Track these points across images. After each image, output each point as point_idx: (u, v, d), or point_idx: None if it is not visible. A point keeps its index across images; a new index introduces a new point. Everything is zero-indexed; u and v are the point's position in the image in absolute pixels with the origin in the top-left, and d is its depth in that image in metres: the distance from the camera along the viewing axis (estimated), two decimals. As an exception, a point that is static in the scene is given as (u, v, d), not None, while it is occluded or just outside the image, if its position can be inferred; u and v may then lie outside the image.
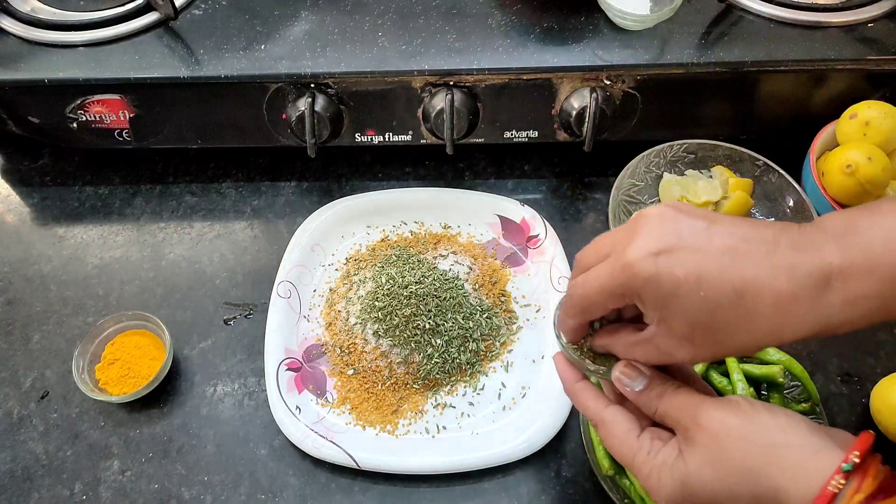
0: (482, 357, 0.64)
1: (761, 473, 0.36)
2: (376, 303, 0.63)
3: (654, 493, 0.41)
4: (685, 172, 0.71)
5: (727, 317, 0.36)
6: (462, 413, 0.61)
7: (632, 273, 0.37)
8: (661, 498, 0.40)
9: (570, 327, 0.45)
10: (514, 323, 0.66)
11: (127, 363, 0.62)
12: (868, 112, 0.65)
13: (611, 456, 0.55)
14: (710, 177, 0.71)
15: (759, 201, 0.70)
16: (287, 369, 0.62)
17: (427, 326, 0.62)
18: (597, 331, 0.46)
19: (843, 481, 0.34)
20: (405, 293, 0.63)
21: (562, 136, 0.71)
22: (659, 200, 0.71)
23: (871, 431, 0.37)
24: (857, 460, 0.35)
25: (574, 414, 0.60)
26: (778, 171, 0.68)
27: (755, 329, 0.36)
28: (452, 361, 0.62)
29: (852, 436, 0.38)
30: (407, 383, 0.62)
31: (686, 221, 0.37)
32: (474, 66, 0.65)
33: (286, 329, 0.64)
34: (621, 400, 0.44)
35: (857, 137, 0.65)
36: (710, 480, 0.38)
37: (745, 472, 0.37)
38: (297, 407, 0.60)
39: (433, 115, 0.67)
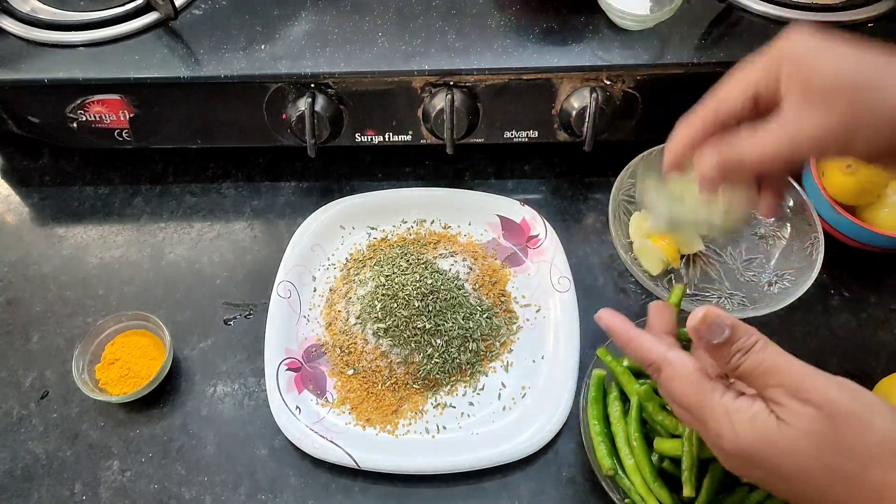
0: (482, 357, 0.64)
1: (872, 461, 0.35)
2: (376, 303, 0.63)
3: (721, 438, 0.39)
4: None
5: (871, 82, 0.36)
6: (462, 413, 0.61)
7: (780, 44, 0.39)
8: (730, 443, 0.38)
9: (694, 129, 0.42)
10: (514, 323, 0.66)
11: (127, 363, 0.62)
12: (868, 112, 0.65)
13: (611, 456, 0.55)
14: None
15: (759, 201, 0.70)
16: (287, 369, 0.62)
17: (427, 326, 0.62)
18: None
19: None
20: (405, 293, 0.63)
21: (562, 136, 0.71)
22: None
23: None
24: None
25: (574, 414, 0.60)
26: (778, 171, 0.68)
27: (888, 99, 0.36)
28: (452, 361, 0.62)
29: None
30: (407, 383, 0.62)
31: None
32: (474, 66, 0.65)
33: (286, 329, 0.64)
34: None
35: (857, 137, 0.65)
36: (805, 451, 0.36)
37: (850, 455, 0.36)
38: (297, 407, 0.60)
39: (433, 115, 0.67)
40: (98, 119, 0.69)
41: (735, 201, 0.46)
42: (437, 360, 0.62)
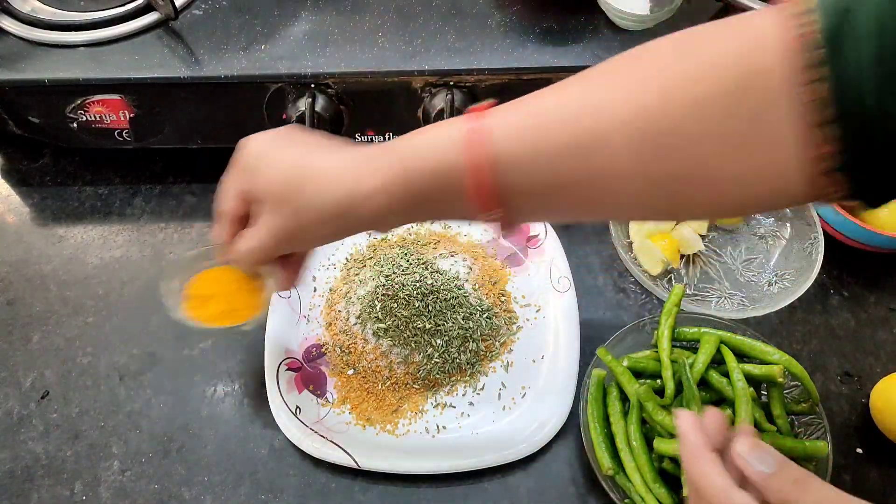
0: (482, 357, 0.64)
1: None
2: (376, 303, 0.63)
3: None
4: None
5: (296, 180, 0.44)
6: (462, 413, 0.61)
7: (237, 170, 0.48)
8: None
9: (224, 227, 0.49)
10: (514, 323, 0.66)
11: (224, 298, 0.57)
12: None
13: (611, 455, 0.55)
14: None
15: (759, 201, 0.70)
16: (287, 369, 0.62)
17: (427, 326, 0.62)
18: None
19: None
20: (405, 293, 0.63)
21: (562, 136, 0.71)
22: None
23: None
24: None
25: (574, 414, 0.60)
26: (778, 171, 0.68)
27: (323, 191, 0.43)
28: (452, 361, 0.62)
29: None
30: (407, 383, 0.62)
31: (271, 136, 0.49)
32: (474, 66, 0.65)
33: (286, 329, 0.64)
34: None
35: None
36: None
37: None
38: (297, 407, 0.60)
39: (433, 115, 0.67)
40: (98, 119, 0.69)
41: (270, 283, 0.54)
42: (437, 360, 0.62)
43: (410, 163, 0.41)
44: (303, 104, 0.66)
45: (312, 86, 0.66)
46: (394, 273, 0.65)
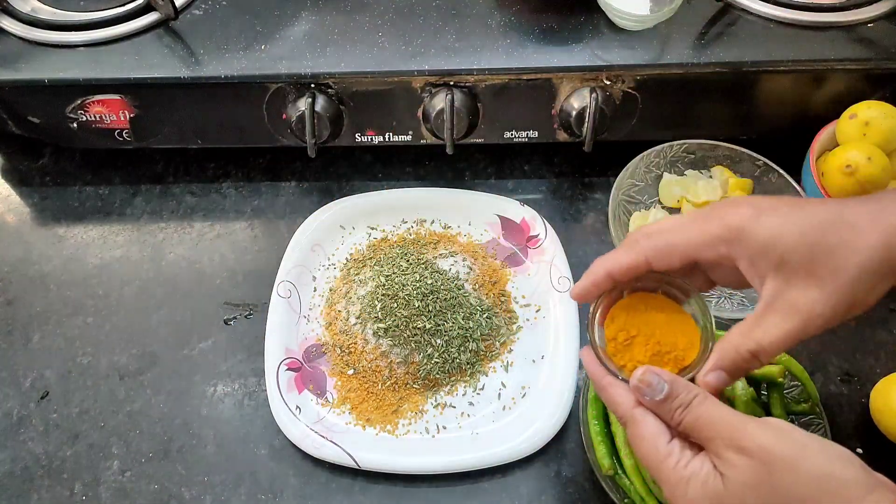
0: (482, 357, 0.64)
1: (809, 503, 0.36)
2: (376, 303, 0.63)
3: (676, 502, 0.40)
4: (685, 172, 0.71)
5: (836, 236, 0.38)
6: (462, 413, 0.61)
7: (740, 215, 0.40)
8: None
9: (619, 265, 0.43)
10: (514, 323, 0.66)
11: (651, 335, 0.46)
12: (868, 112, 0.65)
13: (611, 455, 0.55)
14: (710, 177, 0.71)
15: (759, 201, 0.70)
16: (287, 369, 0.62)
17: (427, 326, 0.62)
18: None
19: None
20: (405, 293, 0.63)
21: (562, 136, 0.71)
22: (659, 201, 0.71)
23: None
24: None
25: (574, 414, 0.60)
26: (778, 171, 0.68)
27: (864, 243, 0.38)
28: (452, 361, 0.62)
29: None
30: (407, 383, 0.62)
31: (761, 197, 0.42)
32: (474, 66, 0.65)
33: (286, 329, 0.64)
34: None
35: (857, 137, 0.65)
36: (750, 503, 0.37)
37: (793, 500, 0.36)
38: (297, 407, 0.60)
39: (433, 115, 0.67)
40: (98, 119, 0.69)
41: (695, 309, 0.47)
42: (437, 360, 0.62)
43: None
44: (303, 104, 0.66)
45: (312, 86, 0.66)
46: (394, 273, 0.65)
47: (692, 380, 0.42)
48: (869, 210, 0.39)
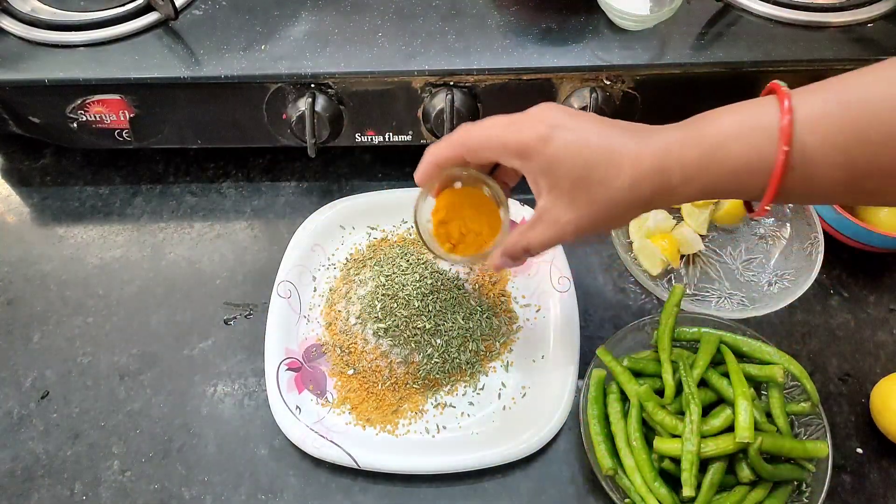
0: (482, 357, 0.64)
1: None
2: (376, 303, 0.63)
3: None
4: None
5: (600, 173, 0.44)
6: (462, 413, 0.61)
7: (534, 134, 0.45)
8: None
9: (441, 157, 0.49)
10: (514, 323, 0.66)
11: (462, 222, 0.55)
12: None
13: (611, 455, 0.55)
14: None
15: (759, 201, 0.70)
16: (287, 369, 0.62)
17: (427, 326, 0.62)
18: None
19: None
20: (405, 293, 0.63)
21: (562, 136, 0.71)
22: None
23: None
24: None
25: (574, 414, 0.60)
26: (778, 171, 0.68)
27: (620, 184, 0.44)
28: (452, 361, 0.62)
29: None
30: (407, 383, 0.62)
31: (578, 112, 0.48)
32: (474, 66, 0.65)
33: (286, 329, 0.64)
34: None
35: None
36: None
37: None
38: (297, 407, 0.60)
39: (433, 115, 0.67)
40: (98, 119, 0.69)
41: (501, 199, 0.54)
42: (437, 360, 0.62)
43: (716, 158, 0.43)
44: (303, 104, 0.66)
45: (312, 86, 0.66)
46: (394, 273, 0.65)
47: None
48: (634, 147, 0.44)
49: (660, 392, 0.57)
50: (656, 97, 0.68)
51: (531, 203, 0.71)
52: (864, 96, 0.39)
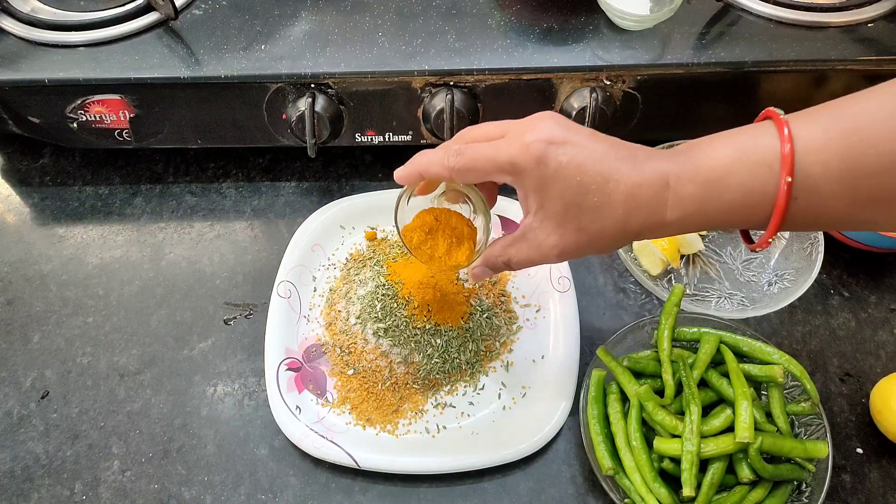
0: (482, 357, 0.64)
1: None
2: (376, 303, 0.63)
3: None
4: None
5: (593, 200, 0.43)
6: (462, 413, 0.61)
7: (527, 153, 0.43)
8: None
9: (428, 173, 0.48)
10: (514, 323, 0.66)
11: (448, 228, 0.55)
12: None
13: (611, 455, 0.55)
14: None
15: (759, 201, 0.70)
16: (287, 369, 0.62)
17: (427, 326, 0.62)
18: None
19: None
20: (405, 293, 0.63)
21: (562, 136, 0.71)
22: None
23: None
24: None
25: (574, 414, 0.60)
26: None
27: (612, 214, 0.43)
28: (452, 361, 0.62)
29: None
30: (407, 383, 0.62)
31: (574, 126, 0.45)
32: (474, 66, 0.65)
33: (286, 329, 0.64)
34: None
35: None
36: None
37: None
38: (297, 407, 0.60)
39: (433, 115, 0.67)
40: (98, 119, 0.69)
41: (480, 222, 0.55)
42: (437, 360, 0.62)
43: (714, 193, 0.42)
44: (303, 104, 0.66)
45: (312, 86, 0.66)
46: (394, 273, 0.65)
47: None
48: (629, 175, 0.43)
49: (660, 392, 0.57)
50: (657, 97, 0.68)
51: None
52: (864, 124, 0.39)
